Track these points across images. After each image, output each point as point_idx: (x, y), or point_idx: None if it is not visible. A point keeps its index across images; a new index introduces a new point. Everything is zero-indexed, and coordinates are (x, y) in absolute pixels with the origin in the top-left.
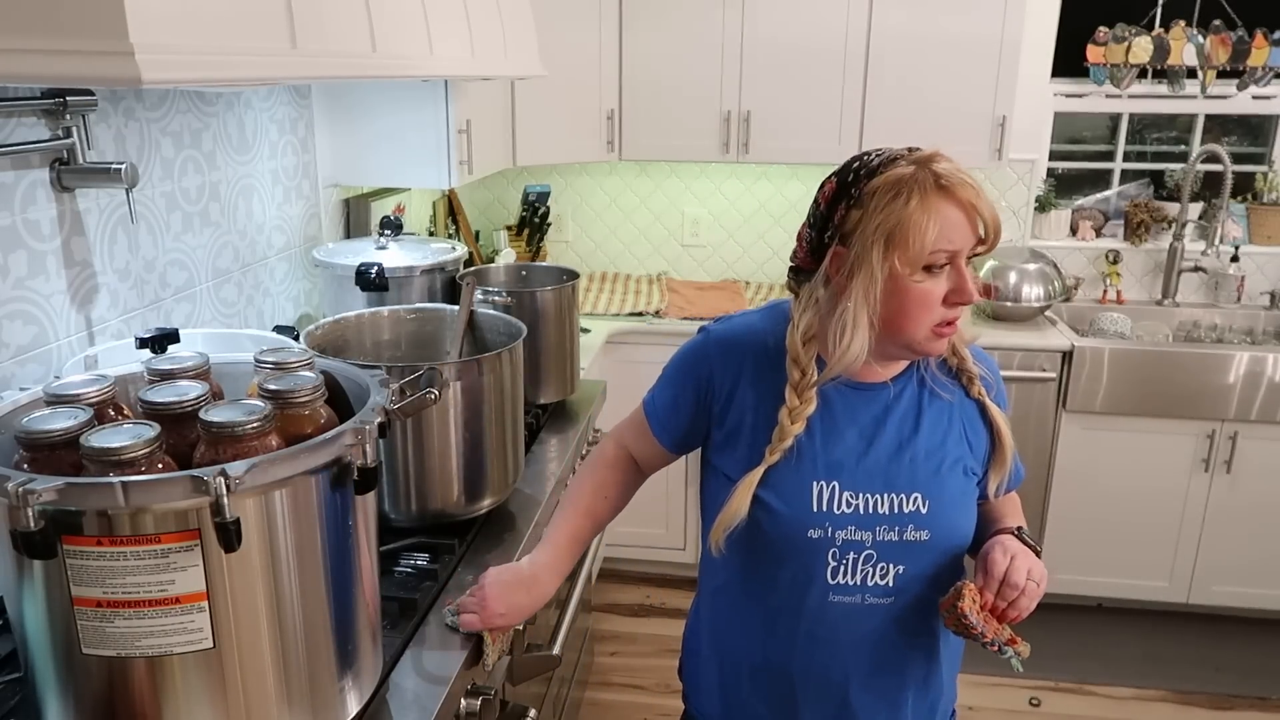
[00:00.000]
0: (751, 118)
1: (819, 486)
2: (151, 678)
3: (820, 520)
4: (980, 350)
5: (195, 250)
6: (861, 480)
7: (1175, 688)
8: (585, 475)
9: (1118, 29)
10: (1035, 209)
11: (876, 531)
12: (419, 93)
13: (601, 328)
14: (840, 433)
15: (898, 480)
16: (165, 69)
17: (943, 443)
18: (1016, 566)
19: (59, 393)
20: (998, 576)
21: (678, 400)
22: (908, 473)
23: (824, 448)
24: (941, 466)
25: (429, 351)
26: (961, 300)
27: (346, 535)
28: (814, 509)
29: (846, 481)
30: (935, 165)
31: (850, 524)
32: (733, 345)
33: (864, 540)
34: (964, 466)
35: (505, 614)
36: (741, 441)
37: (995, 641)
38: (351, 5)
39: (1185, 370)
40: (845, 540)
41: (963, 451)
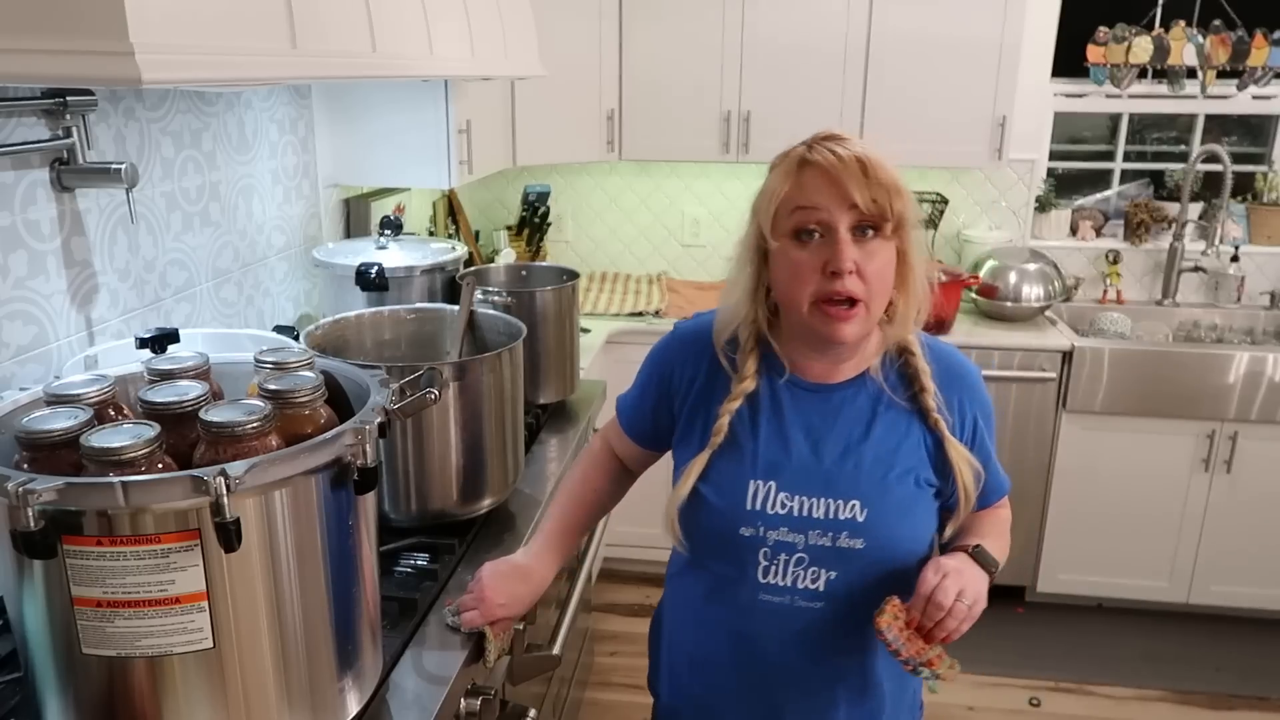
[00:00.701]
0: (751, 118)
1: (755, 485)
2: (151, 678)
3: (752, 519)
4: (956, 360)
5: (195, 250)
6: (799, 482)
7: (1175, 688)
8: (575, 468)
9: (1118, 29)
10: (1035, 209)
11: (809, 535)
12: (419, 93)
13: (601, 328)
14: (785, 433)
15: (837, 485)
16: (165, 69)
17: (895, 451)
18: (944, 586)
19: (59, 393)
20: (924, 595)
21: (643, 396)
22: (849, 479)
23: (766, 447)
24: (888, 475)
25: (429, 351)
26: (833, 269)
27: (346, 535)
28: (747, 507)
29: (783, 482)
30: (817, 142)
31: (783, 525)
32: (694, 340)
33: (796, 543)
34: (917, 477)
35: (506, 604)
36: (695, 434)
37: (910, 660)
38: (351, 5)
39: (1185, 370)
40: (777, 541)
41: (917, 462)
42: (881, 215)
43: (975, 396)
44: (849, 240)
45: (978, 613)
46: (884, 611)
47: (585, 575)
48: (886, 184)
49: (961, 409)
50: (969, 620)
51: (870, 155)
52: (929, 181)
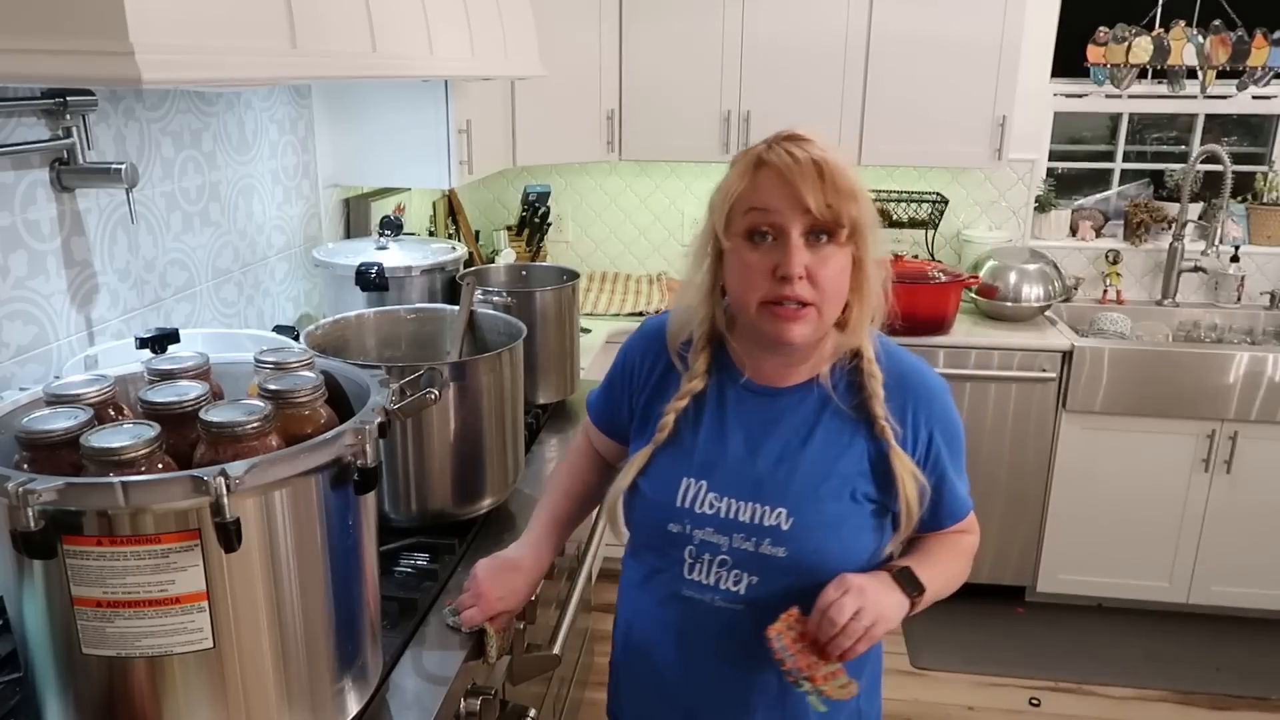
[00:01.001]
0: (751, 118)
1: (687, 483)
2: (151, 678)
3: (680, 516)
4: (916, 371)
5: (195, 250)
6: (729, 484)
7: (1175, 688)
8: (563, 462)
9: (1118, 29)
10: (1035, 209)
11: (733, 538)
12: (419, 93)
13: (601, 328)
14: (725, 434)
15: (766, 491)
16: (165, 69)
17: (833, 461)
18: (842, 603)
19: (59, 393)
20: (820, 608)
21: (609, 389)
22: (780, 485)
23: (704, 445)
24: (821, 486)
25: (429, 351)
26: (783, 274)
27: (346, 535)
28: (677, 503)
29: (714, 483)
30: (777, 142)
31: (709, 525)
32: (656, 336)
33: (720, 544)
34: (854, 491)
35: (503, 597)
36: (647, 428)
37: (793, 673)
38: (351, 5)
39: (1185, 370)
40: (703, 540)
41: (857, 475)
42: (836, 221)
43: (934, 411)
44: (801, 245)
45: (877, 634)
46: (779, 620)
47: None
48: (843, 189)
49: (915, 422)
50: (866, 641)
51: (829, 159)
52: (929, 181)
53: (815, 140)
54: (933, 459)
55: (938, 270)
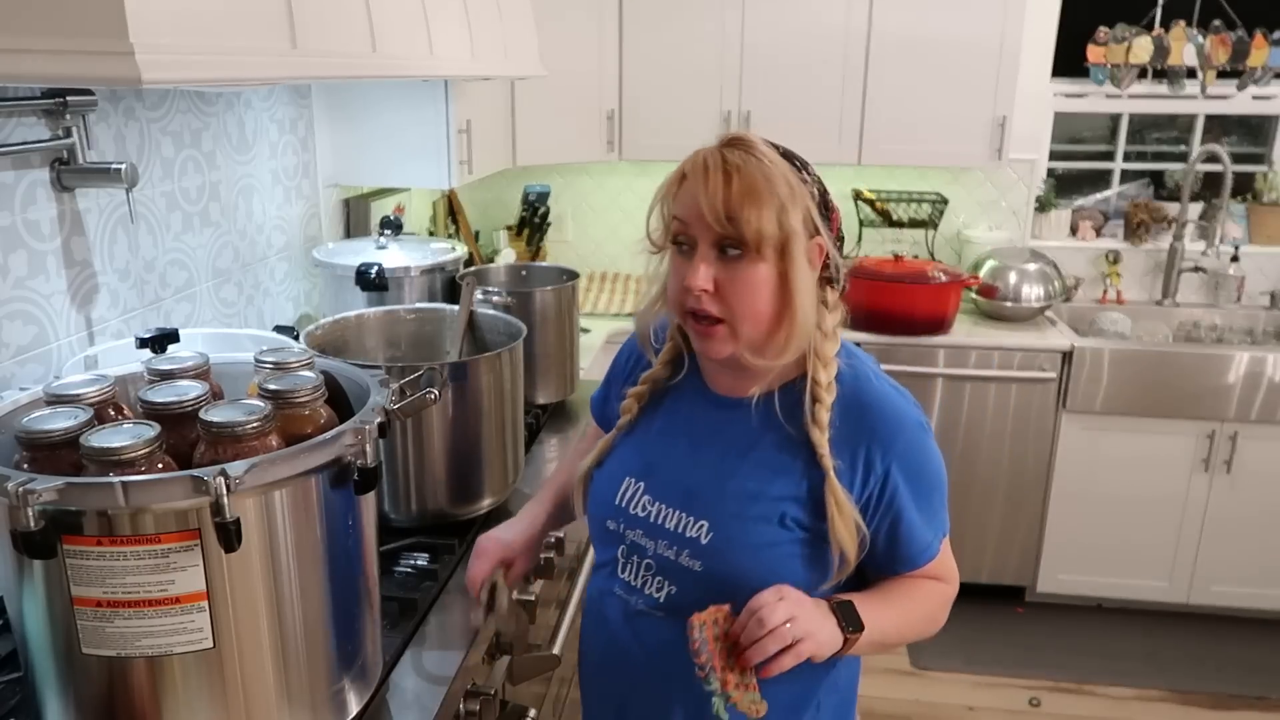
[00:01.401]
0: (751, 118)
1: (628, 483)
2: (151, 678)
3: (616, 514)
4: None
5: (195, 250)
6: (663, 490)
7: (1175, 688)
8: (573, 449)
9: (1118, 29)
10: (1035, 209)
11: (658, 544)
12: (419, 93)
13: (601, 328)
14: (673, 438)
15: (695, 502)
16: (165, 69)
17: (766, 482)
18: (775, 608)
19: (59, 393)
20: (751, 608)
21: (606, 384)
22: (708, 499)
23: (651, 447)
24: (749, 507)
25: (429, 351)
26: (685, 285)
27: (346, 535)
28: (615, 501)
29: (651, 485)
30: (717, 146)
31: (640, 528)
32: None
33: (647, 548)
34: (784, 516)
35: (506, 539)
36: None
37: (705, 668)
38: (351, 5)
39: (1185, 370)
40: (633, 541)
41: (790, 500)
42: (739, 234)
43: (896, 448)
44: (707, 257)
45: (804, 652)
46: (707, 610)
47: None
48: (752, 200)
49: (869, 456)
50: (791, 656)
51: (746, 167)
52: (929, 181)
53: (756, 145)
54: (888, 498)
55: (938, 270)
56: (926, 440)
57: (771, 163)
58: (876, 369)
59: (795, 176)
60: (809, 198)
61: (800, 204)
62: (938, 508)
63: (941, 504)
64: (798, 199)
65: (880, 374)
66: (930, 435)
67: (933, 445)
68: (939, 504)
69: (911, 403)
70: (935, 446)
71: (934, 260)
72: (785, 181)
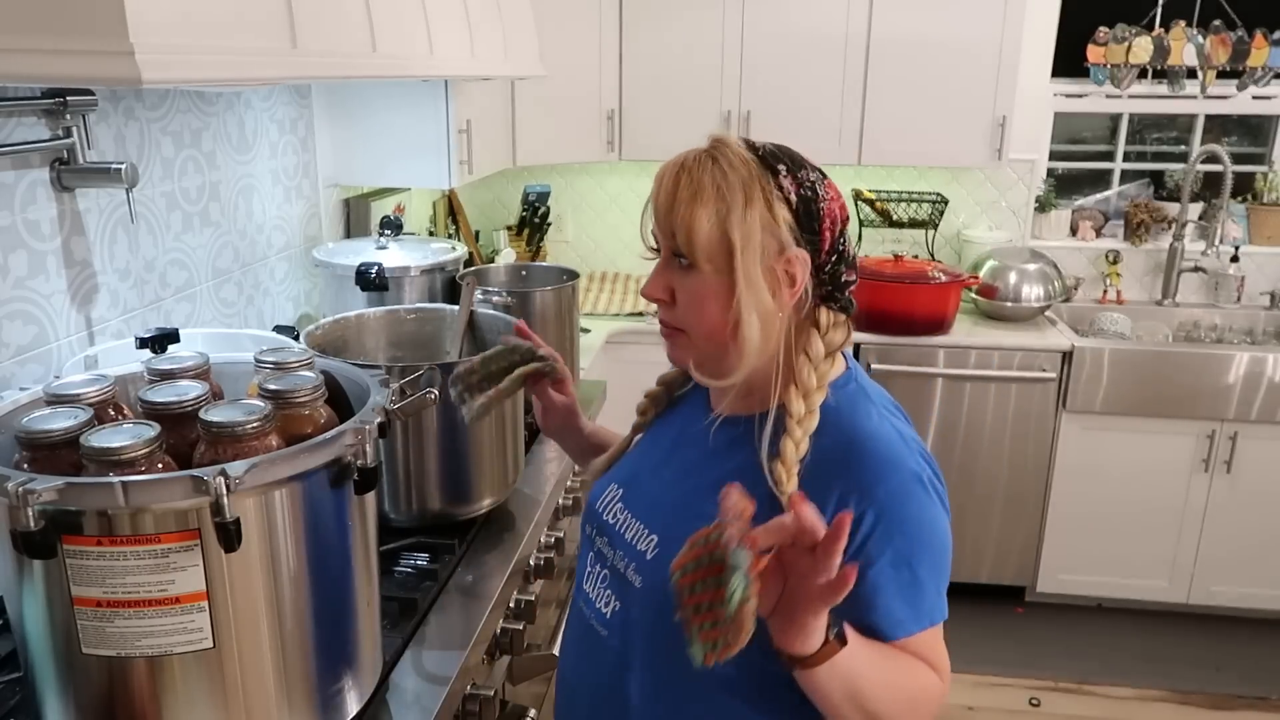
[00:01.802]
0: (751, 118)
1: (611, 488)
2: (151, 678)
3: (593, 519)
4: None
5: (195, 250)
6: (634, 500)
7: (1175, 688)
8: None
9: (1118, 29)
10: (1035, 209)
11: (616, 555)
12: (419, 93)
13: (601, 328)
14: (658, 447)
15: (653, 515)
16: (165, 69)
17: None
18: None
19: (59, 393)
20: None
21: None
22: (663, 513)
23: (641, 454)
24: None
25: (429, 351)
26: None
27: (346, 535)
28: (596, 505)
29: (627, 494)
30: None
31: (607, 535)
32: None
33: (607, 558)
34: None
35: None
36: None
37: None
38: (351, 5)
39: (1185, 370)
40: (599, 549)
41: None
42: (679, 244)
43: (876, 494)
44: (666, 265)
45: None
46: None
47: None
48: (687, 210)
49: (843, 501)
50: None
51: (694, 174)
52: (929, 181)
53: (729, 147)
54: (855, 548)
55: (938, 270)
56: (919, 495)
57: (731, 167)
58: (886, 406)
59: (767, 181)
60: (781, 205)
61: (756, 212)
62: (924, 580)
63: (933, 576)
64: (754, 206)
65: (889, 413)
66: (929, 492)
67: (930, 504)
68: (927, 576)
69: (916, 451)
70: (934, 506)
71: (934, 260)
72: (742, 188)
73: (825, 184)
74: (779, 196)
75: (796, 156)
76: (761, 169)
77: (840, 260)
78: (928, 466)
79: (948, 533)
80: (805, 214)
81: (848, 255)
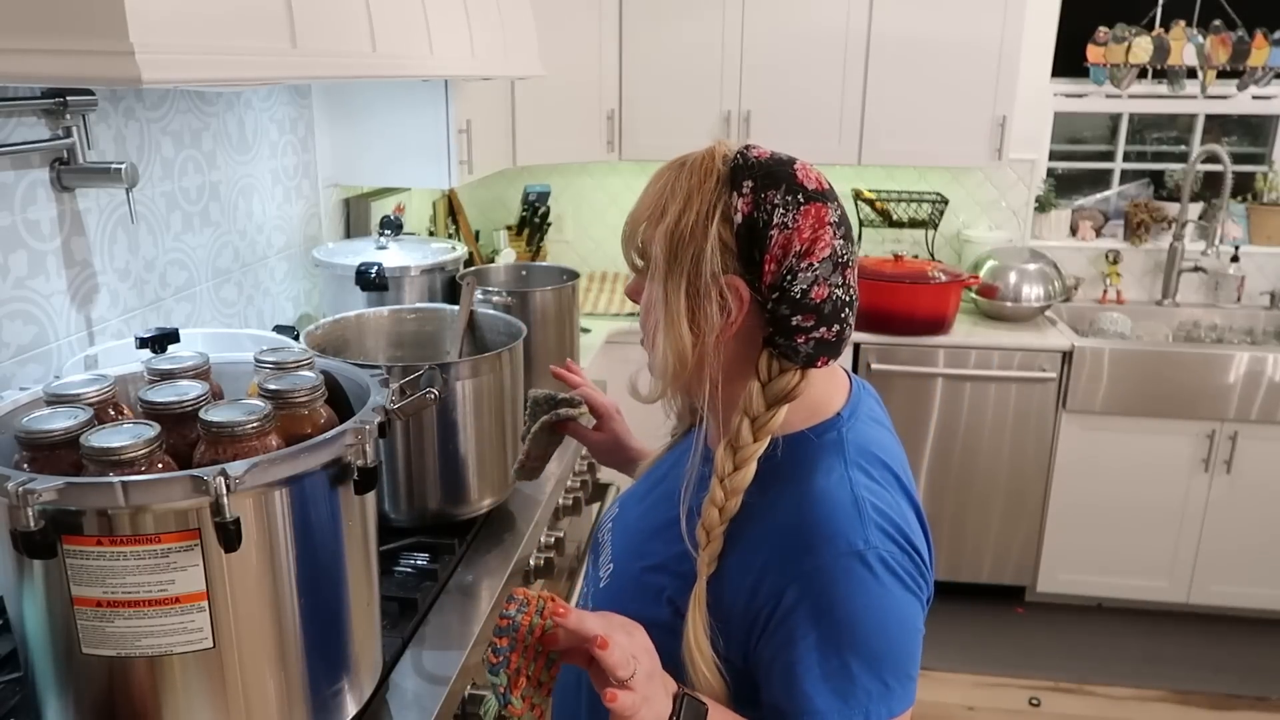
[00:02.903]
0: (751, 118)
1: (613, 507)
2: (151, 678)
3: (595, 533)
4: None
5: (195, 250)
6: (620, 523)
7: (1175, 688)
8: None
9: (1118, 29)
10: (1035, 209)
11: (592, 577)
12: (419, 93)
13: (601, 328)
14: (656, 470)
15: (621, 541)
16: (165, 69)
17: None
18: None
19: (59, 393)
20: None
21: None
22: (626, 538)
23: (647, 474)
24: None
25: (429, 351)
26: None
27: (346, 535)
28: (601, 521)
29: (619, 516)
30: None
31: (594, 555)
32: None
33: (590, 578)
34: (663, 592)
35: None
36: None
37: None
38: (351, 5)
39: (1185, 370)
40: (588, 568)
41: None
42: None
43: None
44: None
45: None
46: (535, 590)
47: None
48: (635, 213)
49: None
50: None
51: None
52: (929, 181)
53: (711, 152)
54: (775, 622)
55: (938, 270)
56: (857, 574)
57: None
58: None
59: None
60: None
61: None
62: (857, 672)
63: (871, 668)
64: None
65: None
66: (874, 572)
67: (872, 586)
68: (862, 668)
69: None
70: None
71: (934, 260)
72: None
73: (801, 211)
74: (723, 213)
75: (780, 174)
76: (724, 182)
77: (783, 300)
78: (887, 542)
79: (904, 619)
80: (747, 238)
81: (802, 297)
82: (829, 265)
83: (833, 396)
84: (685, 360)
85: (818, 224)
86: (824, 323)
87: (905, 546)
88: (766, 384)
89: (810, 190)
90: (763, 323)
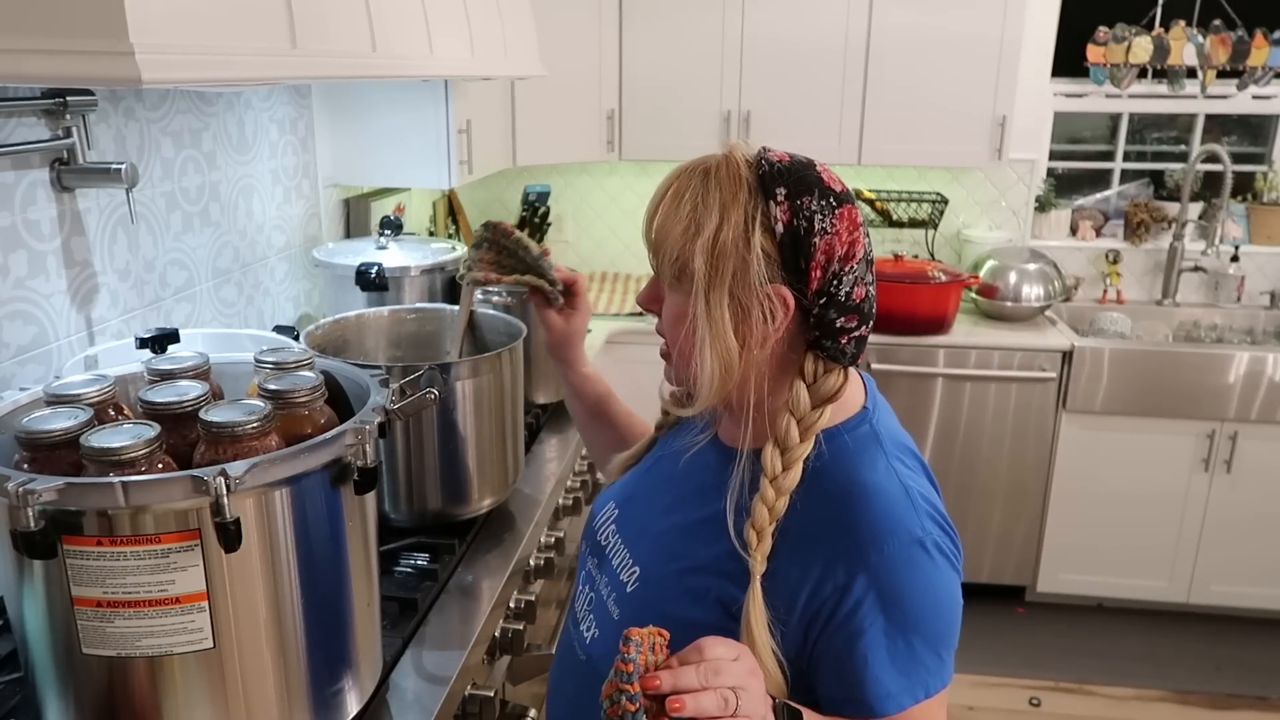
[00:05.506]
0: (751, 118)
1: (610, 506)
2: (151, 678)
3: (589, 536)
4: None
5: (195, 250)
6: (627, 522)
7: (1175, 688)
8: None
9: (1118, 29)
10: (1035, 209)
11: (602, 580)
12: (419, 93)
13: (601, 328)
14: (661, 468)
15: (639, 544)
16: (165, 69)
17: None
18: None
19: (59, 393)
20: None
21: None
22: (648, 545)
23: (645, 473)
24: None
25: (429, 351)
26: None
27: (346, 535)
28: (593, 523)
29: (621, 515)
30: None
31: (597, 557)
32: None
33: (596, 581)
34: (710, 591)
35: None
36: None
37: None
38: (351, 5)
39: (1185, 370)
40: (589, 570)
41: (722, 576)
42: (653, 260)
43: (869, 560)
44: (652, 279)
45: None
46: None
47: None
48: (655, 225)
49: (829, 564)
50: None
51: (675, 186)
52: (929, 181)
53: (731, 160)
54: (844, 615)
55: (938, 270)
56: (920, 561)
57: (719, 185)
58: (899, 452)
59: (756, 206)
60: (763, 234)
61: (730, 238)
62: (921, 651)
63: (932, 646)
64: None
65: (900, 461)
66: (932, 556)
67: (932, 570)
68: (925, 646)
69: (923, 511)
70: (938, 572)
71: (934, 260)
72: (719, 210)
73: (836, 215)
74: (763, 224)
75: (809, 179)
76: (756, 191)
77: (830, 304)
78: (936, 527)
79: (955, 597)
80: (791, 246)
81: (846, 300)
82: (864, 265)
83: (855, 391)
84: (732, 370)
85: (852, 226)
86: (864, 321)
87: (947, 528)
88: (811, 385)
89: (838, 193)
90: (807, 326)
